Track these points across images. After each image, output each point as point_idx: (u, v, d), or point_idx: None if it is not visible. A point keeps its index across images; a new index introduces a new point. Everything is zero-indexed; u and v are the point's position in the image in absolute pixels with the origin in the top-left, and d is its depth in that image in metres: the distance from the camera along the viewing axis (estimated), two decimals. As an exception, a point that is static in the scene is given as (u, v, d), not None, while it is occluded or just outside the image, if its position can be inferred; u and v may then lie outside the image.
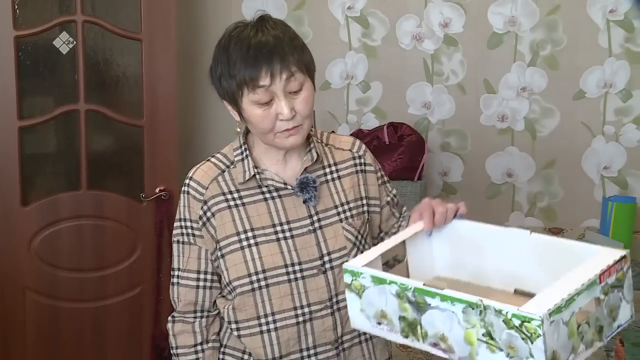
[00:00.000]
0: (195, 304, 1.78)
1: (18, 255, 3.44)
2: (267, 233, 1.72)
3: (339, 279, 1.72)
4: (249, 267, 1.70)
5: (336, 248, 1.74)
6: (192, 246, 1.77)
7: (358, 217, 1.78)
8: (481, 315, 1.35)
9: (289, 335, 1.70)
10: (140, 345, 3.57)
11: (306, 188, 1.74)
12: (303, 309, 1.70)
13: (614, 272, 1.43)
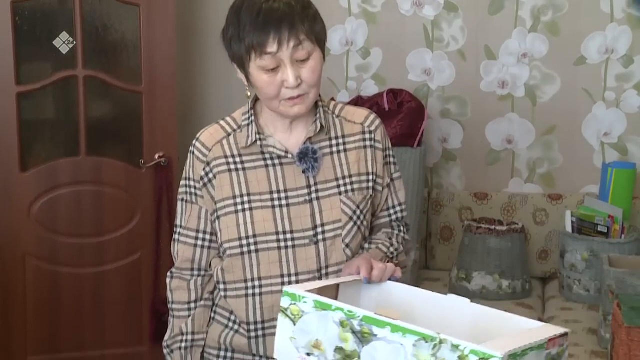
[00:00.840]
0: (192, 262, 1.80)
1: (18, 221, 3.45)
2: (263, 199, 1.73)
3: (331, 251, 1.73)
4: (240, 231, 1.72)
5: (330, 220, 1.73)
6: (193, 205, 1.79)
7: (360, 192, 1.77)
8: (434, 349, 1.31)
9: (273, 302, 1.71)
10: (140, 311, 3.58)
11: (305, 158, 1.73)
12: (290, 278, 1.71)
13: (557, 345, 1.42)
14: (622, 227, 3.46)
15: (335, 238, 1.73)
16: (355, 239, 1.76)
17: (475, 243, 3.58)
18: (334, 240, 1.73)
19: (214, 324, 1.81)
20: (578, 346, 3.01)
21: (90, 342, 3.55)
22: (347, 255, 1.74)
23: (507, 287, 3.55)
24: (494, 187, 3.96)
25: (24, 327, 3.48)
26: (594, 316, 3.26)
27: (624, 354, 2.35)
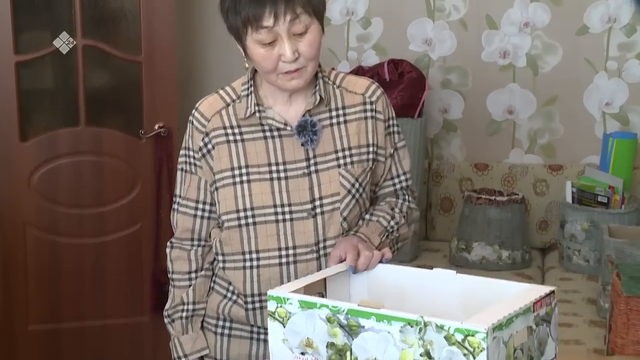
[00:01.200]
0: (192, 232, 1.80)
1: (18, 190, 3.45)
2: (262, 172, 1.72)
3: (328, 225, 1.72)
4: (238, 203, 1.71)
5: (329, 193, 1.72)
6: (192, 175, 1.78)
7: (359, 164, 1.76)
8: (420, 333, 1.33)
9: (270, 275, 1.72)
10: (141, 281, 3.59)
11: (304, 131, 1.72)
12: (287, 251, 1.71)
13: (544, 305, 1.44)
14: (622, 197, 3.46)
15: (333, 211, 1.73)
16: (353, 212, 1.75)
17: (475, 214, 3.58)
18: (332, 213, 1.73)
19: (213, 293, 1.81)
20: (577, 316, 3.03)
21: (91, 312, 3.57)
22: (344, 228, 1.74)
23: (507, 258, 3.56)
24: (495, 158, 3.96)
25: (24, 297, 3.50)
26: (593, 286, 3.27)
27: (622, 323, 2.36)
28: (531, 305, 1.39)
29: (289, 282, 1.58)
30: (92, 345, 3.58)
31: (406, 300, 1.60)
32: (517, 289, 1.49)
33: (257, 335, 1.77)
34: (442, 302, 1.57)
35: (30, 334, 3.52)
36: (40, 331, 3.52)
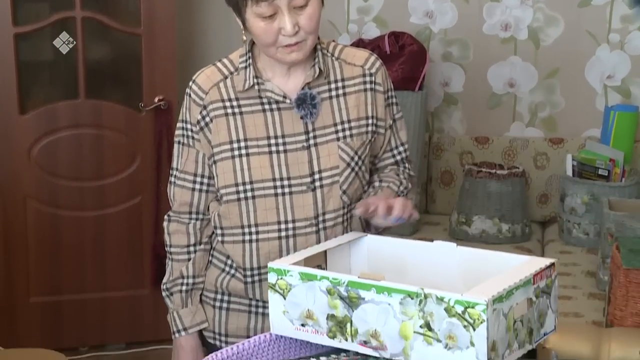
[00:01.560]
0: (190, 206, 1.79)
1: (18, 163, 3.45)
2: (260, 145, 1.71)
3: (328, 198, 1.72)
4: (237, 177, 1.70)
5: (328, 167, 1.71)
6: (190, 149, 1.76)
7: (358, 137, 1.74)
8: (420, 305, 1.33)
9: (269, 248, 1.71)
10: (141, 254, 3.61)
11: (303, 104, 1.71)
12: (287, 224, 1.71)
13: (544, 277, 1.44)
14: (622, 170, 3.45)
15: (332, 185, 1.72)
16: (352, 185, 1.74)
17: (476, 187, 3.58)
18: (331, 186, 1.72)
19: (211, 267, 1.81)
20: (576, 288, 3.04)
21: (92, 285, 3.58)
22: (344, 201, 1.73)
23: (507, 231, 3.56)
24: (495, 131, 3.95)
25: (25, 269, 3.51)
26: (593, 259, 3.28)
27: (621, 296, 2.37)
28: (531, 277, 1.40)
29: (290, 255, 1.58)
30: (93, 317, 3.60)
31: (406, 273, 1.60)
32: (517, 261, 1.49)
33: (255, 308, 1.77)
34: (442, 274, 1.57)
35: (31, 306, 3.53)
36: (41, 303, 3.54)
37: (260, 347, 1.51)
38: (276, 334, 1.51)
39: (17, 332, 3.49)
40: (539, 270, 1.42)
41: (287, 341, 1.53)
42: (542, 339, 1.46)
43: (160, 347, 3.58)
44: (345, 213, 1.75)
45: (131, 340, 3.63)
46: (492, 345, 1.30)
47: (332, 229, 1.73)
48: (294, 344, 1.54)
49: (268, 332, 1.52)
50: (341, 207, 1.73)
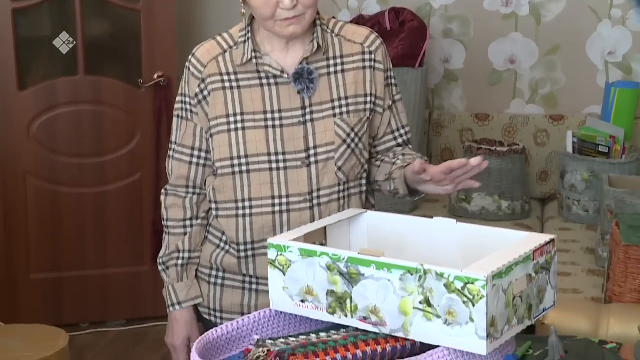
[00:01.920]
0: (187, 180, 1.79)
1: (17, 140, 3.44)
2: (257, 119, 1.71)
3: (323, 174, 1.72)
4: (232, 151, 1.71)
5: (323, 143, 1.71)
6: (188, 122, 1.77)
7: (355, 114, 1.73)
8: (420, 281, 1.33)
9: (263, 223, 1.71)
10: (141, 231, 3.61)
11: (300, 79, 1.70)
12: (281, 199, 1.71)
13: (544, 253, 1.43)
14: (623, 147, 3.45)
15: (327, 161, 1.72)
16: (348, 162, 1.74)
17: (476, 164, 3.57)
18: (326, 163, 1.72)
19: (206, 243, 1.81)
20: (576, 265, 3.04)
21: (92, 261, 3.59)
22: (340, 178, 1.73)
23: (507, 208, 3.57)
24: (496, 108, 3.94)
25: (26, 246, 3.51)
26: (592, 236, 3.28)
27: (620, 272, 2.37)
28: (531, 253, 1.40)
29: (289, 231, 1.58)
30: (93, 294, 3.61)
31: (406, 249, 1.60)
32: (517, 238, 1.49)
33: (249, 285, 1.78)
34: (442, 250, 1.57)
35: (32, 283, 3.54)
36: (42, 280, 3.55)
37: (260, 323, 1.51)
38: (276, 310, 1.52)
39: (18, 309, 3.50)
40: (538, 246, 1.42)
41: (286, 317, 1.54)
42: (541, 315, 1.46)
43: (161, 324, 3.59)
44: (341, 190, 1.75)
45: (131, 317, 3.65)
46: (492, 320, 1.30)
47: (326, 206, 1.73)
48: (293, 320, 1.55)
49: (268, 308, 1.53)
50: (336, 184, 1.73)
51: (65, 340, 2.60)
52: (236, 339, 1.48)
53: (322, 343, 1.36)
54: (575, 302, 2.49)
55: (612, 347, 1.52)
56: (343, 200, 1.75)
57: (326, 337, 1.41)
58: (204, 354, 1.39)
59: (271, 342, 1.37)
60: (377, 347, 1.38)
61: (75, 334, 3.44)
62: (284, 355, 1.31)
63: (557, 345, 1.43)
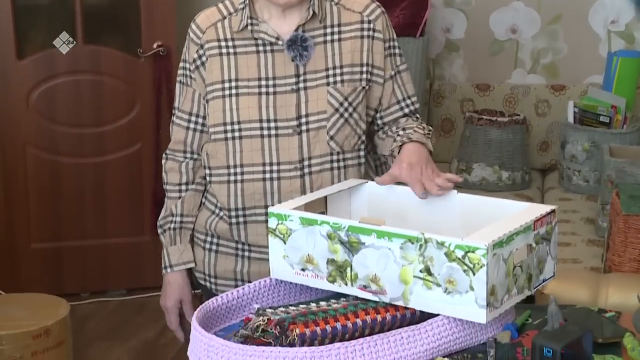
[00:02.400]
0: (184, 144, 1.81)
1: (16, 109, 3.43)
2: (251, 86, 1.71)
3: (314, 143, 1.71)
4: (225, 116, 1.72)
5: (315, 111, 1.70)
6: (188, 88, 1.78)
7: (350, 83, 1.72)
8: (421, 249, 1.33)
9: (254, 189, 1.72)
10: (141, 201, 3.61)
11: (294, 45, 1.70)
12: (272, 166, 1.71)
13: (545, 224, 1.43)
14: (624, 117, 3.44)
15: (319, 129, 1.71)
16: (341, 131, 1.73)
17: (476, 135, 3.57)
18: (318, 131, 1.71)
19: (203, 209, 1.83)
20: (575, 235, 3.05)
21: (92, 231, 3.60)
22: (332, 148, 1.72)
23: (507, 179, 3.57)
24: (497, 78, 3.92)
25: (26, 216, 3.52)
26: (592, 206, 3.28)
27: (620, 242, 2.38)
28: (532, 223, 1.40)
29: (290, 200, 1.58)
30: (94, 264, 3.62)
31: (407, 219, 1.61)
32: (517, 208, 1.49)
33: (241, 252, 1.79)
34: (442, 220, 1.57)
35: (33, 252, 3.55)
36: (42, 249, 3.56)
37: (260, 291, 1.52)
38: (276, 279, 1.52)
39: (19, 278, 3.52)
40: (539, 216, 1.42)
41: (287, 286, 1.54)
42: (541, 285, 1.47)
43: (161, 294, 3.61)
44: (335, 160, 1.74)
45: (132, 287, 3.66)
46: (492, 289, 1.31)
47: (318, 175, 1.72)
48: (293, 289, 1.55)
49: (268, 277, 1.53)
50: (328, 153, 1.73)
51: (66, 309, 2.62)
52: (236, 308, 1.49)
53: (322, 312, 1.36)
54: (575, 271, 2.49)
55: (611, 315, 1.53)
56: (337, 171, 1.74)
57: (326, 305, 1.41)
58: (204, 323, 1.40)
59: (271, 311, 1.37)
60: (377, 315, 1.38)
61: (76, 304, 3.46)
62: (284, 323, 1.31)
63: (557, 313, 1.44)
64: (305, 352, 1.24)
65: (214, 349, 1.29)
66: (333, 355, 1.25)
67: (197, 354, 1.32)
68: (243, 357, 1.25)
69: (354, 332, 1.36)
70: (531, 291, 1.44)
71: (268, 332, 1.32)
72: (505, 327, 1.43)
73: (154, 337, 3.30)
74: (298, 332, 1.30)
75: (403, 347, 1.31)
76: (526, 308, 1.54)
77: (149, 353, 3.18)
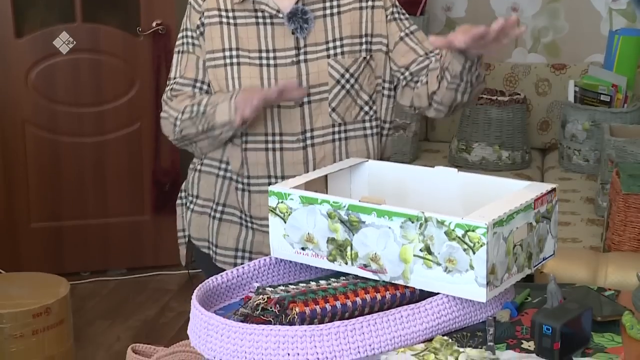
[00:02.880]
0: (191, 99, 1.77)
1: (15, 88, 3.42)
2: (252, 57, 1.72)
3: (316, 114, 1.72)
4: (228, 85, 1.72)
5: (316, 83, 1.71)
6: (190, 55, 1.78)
7: (350, 54, 1.73)
8: (421, 228, 1.33)
9: (257, 159, 1.73)
10: (141, 181, 3.61)
11: (294, 18, 1.71)
12: (274, 137, 1.72)
13: (545, 202, 1.43)
14: (625, 96, 3.43)
15: (320, 101, 1.72)
16: (343, 103, 1.73)
17: (476, 114, 3.56)
18: (320, 103, 1.72)
19: (205, 175, 1.80)
20: (575, 214, 3.05)
21: (92, 211, 3.60)
22: (334, 119, 1.73)
23: (507, 158, 3.56)
24: (497, 57, 3.90)
25: (26, 195, 3.52)
26: (592, 186, 3.28)
27: (619, 221, 2.38)
28: (532, 202, 1.40)
29: (291, 179, 1.58)
30: (94, 243, 3.62)
31: (407, 198, 1.61)
32: (518, 187, 1.49)
33: (245, 222, 1.79)
34: (442, 199, 1.57)
35: (33, 232, 3.55)
36: (43, 229, 3.56)
37: (261, 270, 1.52)
38: (276, 258, 1.52)
39: (19, 257, 3.52)
40: (539, 195, 1.42)
41: (287, 265, 1.54)
42: (541, 264, 1.47)
43: (161, 273, 3.62)
44: (337, 132, 1.74)
45: (132, 266, 3.67)
46: (492, 268, 1.31)
47: (320, 147, 1.73)
48: (294, 268, 1.55)
49: (268, 256, 1.53)
50: (330, 125, 1.73)
51: (66, 288, 2.62)
52: (236, 287, 1.49)
53: (322, 290, 1.37)
54: (574, 251, 2.50)
55: (610, 294, 1.53)
56: (339, 142, 1.75)
57: (326, 284, 1.42)
58: (204, 302, 1.40)
59: (271, 290, 1.38)
60: (377, 294, 1.39)
61: (76, 283, 3.47)
62: (283, 302, 1.32)
63: (556, 291, 1.44)
64: (305, 331, 1.25)
65: (213, 327, 1.29)
66: (333, 333, 1.25)
67: (197, 332, 1.33)
68: (243, 335, 1.26)
69: (353, 311, 1.36)
70: (531, 270, 1.44)
71: (268, 310, 1.33)
72: (504, 305, 1.43)
73: (154, 316, 3.31)
74: (298, 311, 1.30)
75: (402, 325, 1.31)
76: (525, 287, 1.54)
77: (149, 332, 3.19)
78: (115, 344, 3.09)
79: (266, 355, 1.25)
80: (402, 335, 1.31)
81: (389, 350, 1.29)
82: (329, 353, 1.25)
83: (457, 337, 1.35)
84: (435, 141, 3.93)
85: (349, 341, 1.26)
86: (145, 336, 3.11)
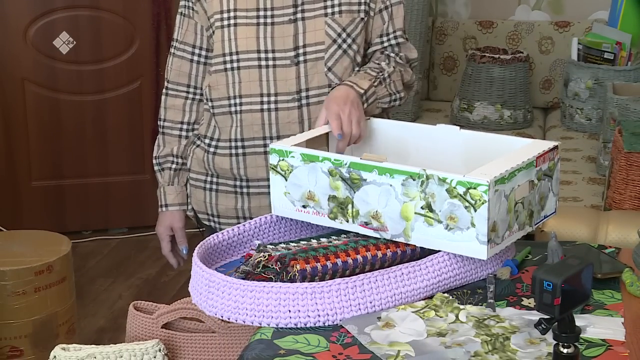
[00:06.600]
0: (188, 78, 1.80)
1: (14, 45, 3.39)
2: (249, 16, 1.71)
3: (312, 74, 1.70)
4: (224, 47, 1.72)
5: (313, 42, 1.70)
6: (189, 20, 1.78)
7: (348, 14, 1.71)
8: (422, 186, 1.33)
9: (252, 120, 1.72)
10: (142, 139, 3.60)
11: None
12: (269, 97, 1.71)
13: (547, 160, 1.42)
14: (629, 53, 3.40)
15: (316, 60, 1.70)
16: (340, 63, 1.72)
17: (479, 73, 3.54)
18: (316, 62, 1.70)
19: (196, 149, 1.82)
20: (576, 173, 3.05)
21: (93, 169, 3.60)
22: (330, 79, 1.71)
23: (509, 117, 3.55)
24: (500, 15, 3.87)
25: (26, 154, 3.51)
26: (594, 144, 3.27)
27: (621, 179, 2.37)
28: (534, 159, 1.39)
29: (292, 136, 1.57)
30: (95, 202, 3.63)
31: (409, 156, 1.60)
32: (520, 144, 1.48)
33: (240, 189, 1.79)
34: (444, 157, 1.57)
35: (34, 190, 3.56)
36: (44, 187, 3.56)
37: (261, 228, 1.52)
38: (277, 216, 1.52)
39: (21, 215, 3.53)
40: (542, 152, 1.41)
41: (288, 222, 1.54)
42: (542, 222, 1.47)
43: (163, 231, 3.62)
44: None
45: (133, 225, 3.68)
46: (493, 226, 1.31)
47: (316, 106, 1.71)
48: (294, 226, 1.55)
49: (269, 214, 1.53)
50: (326, 85, 1.72)
51: (68, 246, 2.63)
52: (237, 244, 1.49)
53: (323, 248, 1.37)
54: (575, 209, 2.50)
55: (611, 251, 1.53)
56: None
57: (327, 242, 1.42)
58: (205, 259, 1.41)
59: (272, 247, 1.38)
60: (378, 252, 1.39)
61: (78, 241, 3.48)
62: (284, 259, 1.32)
63: (557, 248, 1.44)
64: (306, 288, 1.25)
65: (215, 284, 1.29)
66: (333, 290, 1.26)
67: (198, 289, 1.33)
68: (244, 292, 1.26)
69: (354, 269, 1.36)
70: (532, 227, 1.44)
71: (269, 268, 1.33)
72: (505, 263, 1.44)
73: (155, 275, 3.33)
74: (299, 268, 1.31)
75: (403, 283, 1.32)
76: (526, 245, 1.54)
77: (150, 290, 3.21)
78: (117, 302, 3.12)
79: (267, 312, 1.25)
80: (403, 293, 1.32)
81: (389, 307, 1.30)
82: (330, 310, 1.26)
83: (457, 294, 1.36)
84: (437, 100, 3.91)
85: (349, 298, 1.27)
86: (147, 294, 3.13)
